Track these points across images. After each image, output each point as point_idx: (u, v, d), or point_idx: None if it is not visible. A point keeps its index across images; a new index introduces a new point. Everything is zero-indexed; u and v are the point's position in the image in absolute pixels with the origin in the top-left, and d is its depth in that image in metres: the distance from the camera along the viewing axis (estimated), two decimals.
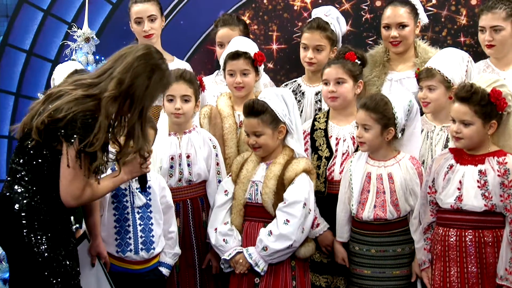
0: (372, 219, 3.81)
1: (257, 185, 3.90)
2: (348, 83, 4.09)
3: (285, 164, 3.88)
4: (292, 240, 3.79)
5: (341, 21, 4.60)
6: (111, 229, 3.79)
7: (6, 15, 5.15)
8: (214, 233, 3.92)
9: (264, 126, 3.85)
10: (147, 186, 3.82)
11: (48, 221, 3.39)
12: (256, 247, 3.82)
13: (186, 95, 4.05)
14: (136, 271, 3.82)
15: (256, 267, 3.81)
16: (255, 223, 3.91)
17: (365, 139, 3.81)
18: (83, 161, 3.28)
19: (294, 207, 3.80)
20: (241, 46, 4.28)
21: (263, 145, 3.87)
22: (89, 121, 3.26)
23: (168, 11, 5.06)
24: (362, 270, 3.88)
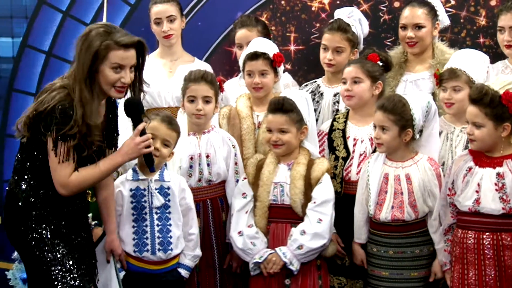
0: (390, 220, 3.80)
1: (282, 186, 3.92)
2: (364, 82, 4.09)
3: (307, 164, 3.90)
4: (326, 238, 3.84)
5: (363, 23, 4.59)
6: (129, 229, 3.81)
7: (25, 16, 5.16)
8: (240, 237, 3.92)
9: (290, 124, 3.88)
10: (166, 187, 3.84)
11: (47, 216, 3.44)
12: (289, 246, 3.84)
13: (208, 96, 4.06)
14: (153, 271, 3.83)
15: (290, 266, 3.82)
16: (282, 224, 3.93)
17: (383, 140, 3.80)
18: (62, 149, 3.33)
19: (326, 206, 3.86)
20: (260, 47, 4.30)
21: (286, 143, 3.89)
22: (66, 110, 3.32)
23: (185, 12, 5.05)
24: (380, 272, 3.87)
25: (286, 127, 3.89)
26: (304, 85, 4.68)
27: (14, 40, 5.17)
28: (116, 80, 3.40)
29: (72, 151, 3.36)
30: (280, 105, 3.90)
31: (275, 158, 3.98)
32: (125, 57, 3.39)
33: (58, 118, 3.32)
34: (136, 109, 3.51)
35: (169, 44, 4.71)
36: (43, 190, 3.44)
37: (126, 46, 3.39)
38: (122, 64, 3.39)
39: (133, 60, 3.43)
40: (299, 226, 3.86)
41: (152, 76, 4.55)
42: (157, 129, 3.80)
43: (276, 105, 3.91)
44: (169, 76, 4.69)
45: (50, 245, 3.41)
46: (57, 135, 3.32)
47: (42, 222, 3.44)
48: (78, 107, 3.33)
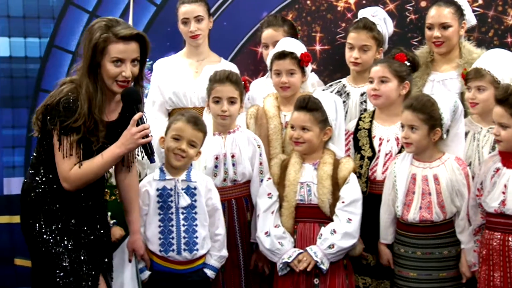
0: (418, 221, 3.79)
1: (308, 186, 3.91)
2: (392, 82, 4.08)
3: (333, 163, 3.89)
4: (356, 238, 3.85)
5: (388, 22, 4.58)
6: (155, 228, 3.82)
7: (52, 17, 5.18)
8: (267, 237, 3.92)
9: (313, 123, 3.87)
10: (193, 187, 3.84)
11: (56, 211, 3.46)
12: (319, 245, 3.83)
13: (233, 97, 4.06)
14: (179, 271, 3.83)
15: (321, 265, 3.81)
16: (310, 224, 3.92)
17: (412, 140, 3.78)
18: (65, 143, 3.34)
19: (355, 206, 3.87)
20: (288, 46, 4.29)
21: (307, 141, 3.89)
22: (70, 104, 3.34)
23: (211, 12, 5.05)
24: (407, 273, 3.85)
25: (309, 125, 3.88)
26: (329, 85, 4.67)
27: (41, 40, 5.17)
28: (117, 74, 3.38)
29: (75, 145, 3.36)
30: (305, 103, 3.90)
31: (299, 157, 3.97)
32: (125, 50, 3.37)
33: (62, 112, 3.33)
34: (132, 99, 3.45)
35: (196, 44, 4.71)
36: (56, 185, 3.46)
37: (125, 38, 3.36)
38: (121, 57, 3.37)
39: (133, 54, 3.40)
40: (329, 225, 3.86)
41: (178, 76, 4.61)
42: (182, 130, 3.81)
43: (301, 103, 3.91)
44: (195, 76, 4.69)
45: (55, 240, 3.43)
46: (60, 129, 3.34)
47: (51, 217, 3.46)
48: (83, 101, 3.34)
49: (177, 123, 3.83)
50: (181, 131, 3.81)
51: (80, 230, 3.51)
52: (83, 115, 3.33)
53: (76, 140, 3.35)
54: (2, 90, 5.16)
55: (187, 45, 4.78)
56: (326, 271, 3.84)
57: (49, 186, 3.47)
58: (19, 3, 5.12)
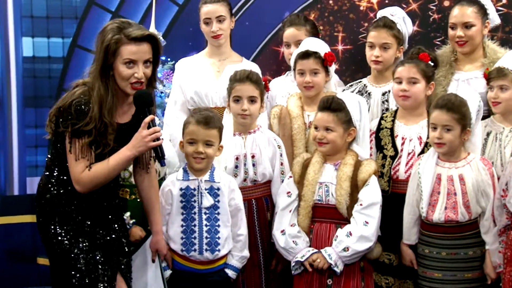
0: (443, 221, 3.77)
1: (327, 186, 3.90)
2: (420, 83, 4.08)
3: (354, 165, 3.87)
4: (372, 241, 3.81)
5: (407, 22, 4.56)
6: (177, 228, 3.83)
7: (75, 17, 5.21)
8: (282, 236, 3.92)
9: (337, 124, 3.86)
10: (216, 187, 3.85)
11: (71, 212, 3.47)
12: (334, 247, 3.81)
13: (253, 96, 4.06)
14: (200, 271, 3.84)
15: (335, 267, 3.79)
16: (326, 224, 3.90)
17: (446, 140, 3.76)
18: (77, 145, 3.35)
19: (373, 209, 3.82)
20: (312, 46, 4.29)
21: (330, 142, 3.87)
22: (82, 106, 3.34)
23: (233, 12, 5.05)
24: (432, 273, 3.83)
25: (332, 126, 3.87)
26: (349, 85, 4.67)
27: (64, 40, 5.21)
28: (130, 76, 3.38)
29: (86, 148, 3.36)
30: (328, 103, 3.88)
31: (321, 157, 3.96)
32: (136, 51, 3.36)
33: (73, 114, 3.34)
34: (144, 101, 3.44)
35: (218, 44, 4.71)
36: (70, 187, 3.47)
37: (136, 39, 3.36)
38: (133, 59, 3.37)
39: (146, 55, 3.40)
40: (345, 227, 3.84)
41: (200, 76, 4.60)
42: (195, 133, 3.81)
43: (324, 103, 3.90)
44: (217, 76, 4.69)
45: (70, 241, 3.45)
46: (71, 131, 3.35)
47: (66, 219, 3.48)
48: (94, 104, 3.35)
49: (189, 127, 3.84)
50: (194, 134, 3.82)
51: (95, 231, 3.52)
52: (94, 118, 3.34)
53: (87, 142, 3.36)
54: (26, 90, 5.20)
55: (209, 45, 4.78)
56: (340, 273, 3.83)
57: (64, 187, 3.48)
58: (42, 3, 5.16)
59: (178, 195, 3.84)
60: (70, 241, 3.45)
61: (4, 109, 5.17)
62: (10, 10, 5.13)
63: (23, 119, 5.20)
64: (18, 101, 5.19)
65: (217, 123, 3.86)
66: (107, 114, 3.36)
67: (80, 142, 3.36)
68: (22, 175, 5.23)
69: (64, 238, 3.45)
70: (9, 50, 5.16)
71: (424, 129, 4.10)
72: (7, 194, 5.21)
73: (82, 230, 3.49)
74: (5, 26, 5.12)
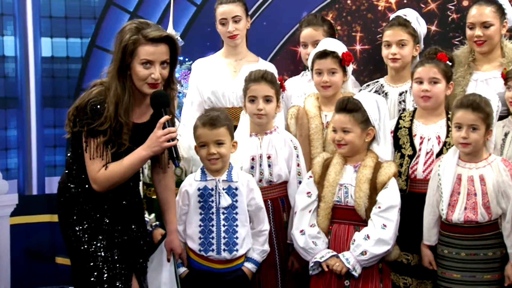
0: (463, 222, 3.75)
1: (346, 188, 3.88)
2: (441, 83, 4.07)
3: (374, 167, 3.86)
4: (390, 245, 3.79)
5: (421, 22, 4.56)
6: (195, 228, 3.83)
7: (93, 17, 5.23)
8: (302, 236, 3.91)
9: (354, 124, 3.84)
10: (234, 187, 3.85)
11: (89, 210, 3.51)
12: (352, 251, 3.80)
13: (268, 96, 4.06)
14: (218, 270, 3.84)
15: (353, 272, 3.78)
16: (344, 225, 3.90)
17: (472, 140, 3.75)
18: (92, 145, 3.38)
19: (391, 212, 3.80)
20: (330, 46, 4.29)
21: (349, 143, 3.86)
22: (97, 106, 3.37)
23: (251, 12, 5.06)
24: (451, 274, 3.82)
25: (349, 127, 3.85)
26: (366, 85, 4.66)
27: (82, 40, 5.24)
28: (147, 76, 3.40)
29: (102, 147, 3.39)
30: (344, 104, 3.87)
31: (341, 158, 3.95)
32: (153, 52, 3.38)
33: (89, 114, 3.37)
34: (160, 102, 3.46)
35: (234, 44, 4.72)
36: (88, 185, 3.50)
37: (154, 40, 3.37)
38: (150, 59, 3.38)
39: (163, 56, 3.41)
40: (363, 230, 3.83)
41: (216, 76, 4.62)
42: (203, 136, 3.82)
43: (340, 105, 3.89)
44: (233, 76, 4.70)
45: (88, 239, 3.48)
46: (87, 131, 3.38)
47: (84, 217, 3.51)
48: (110, 104, 3.37)
49: (197, 131, 3.85)
50: (202, 137, 3.82)
51: (114, 229, 3.55)
52: (109, 118, 3.36)
53: (102, 142, 3.38)
54: (44, 90, 5.23)
55: (225, 45, 4.79)
56: (359, 275, 3.81)
57: (82, 186, 3.52)
58: (61, 4, 5.19)
59: (196, 195, 3.84)
60: (88, 238, 3.48)
61: (23, 109, 5.20)
62: (29, 10, 5.16)
63: (42, 119, 5.23)
64: (36, 101, 5.23)
65: (223, 121, 3.85)
66: (123, 113, 3.38)
67: (95, 141, 3.38)
68: (40, 175, 5.27)
69: (82, 235, 3.49)
70: (28, 50, 5.19)
71: (442, 128, 4.09)
72: (26, 194, 5.25)
73: (100, 227, 3.51)
74: (24, 27, 5.16)
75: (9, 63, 5.14)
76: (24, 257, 5.22)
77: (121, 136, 3.40)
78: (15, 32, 5.14)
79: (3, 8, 5.08)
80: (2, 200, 5.14)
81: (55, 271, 5.22)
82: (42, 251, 5.24)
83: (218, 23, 4.72)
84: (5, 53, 5.12)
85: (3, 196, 5.14)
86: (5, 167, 5.15)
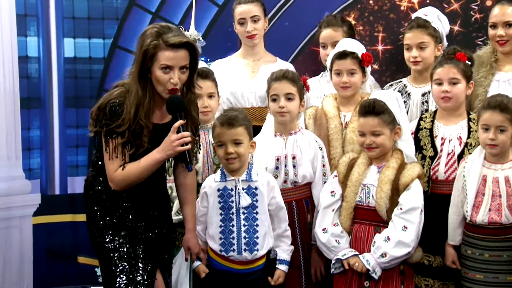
0: (487, 223, 3.73)
1: (368, 188, 3.87)
2: (461, 83, 4.04)
3: (398, 168, 3.84)
4: (411, 247, 3.77)
5: (443, 19, 4.53)
6: (216, 228, 3.84)
7: (116, 18, 5.24)
8: (324, 234, 3.90)
9: (383, 126, 3.83)
10: (254, 187, 3.84)
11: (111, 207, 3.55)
12: (373, 253, 3.79)
13: (290, 93, 4.05)
14: (239, 270, 3.84)
15: (373, 274, 3.77)
16: (365, 226, 3.88)
17: (500, 141, 3.72)
18: (111, 145, 3.42)
19: (412, 214, 3.78)
20: (349, 46, 4.28)
21: (380, 145, 3.84)
22: (116, 107, 3.41)
23: (273, 13, 5.07)
24: (474, 275, 3.80)
25: (379, 130, 3.83)
26: (389, 85, 4.64)
27: (105, 41, 5.25)
28: (166, 81, 3.44)
29: (120, 148, 3.43)
30: (371, 107, 3.84)
31: (367, 159, 3.94)
32: (173, 57, 3.42)
33: (107, 115, 3.42)
34: (175, 106, 3.50)
35: (252, 44, 4.73)
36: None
37: (174, 46, 3.41)
38: (170, 64, 3.42)
39: (182, 61, 3.45)
40: (383, 232, 3.81)
41: (235, 77, 4.62)
42: (220, 135, 3.82)
43: (367, 108, 3.86)
44: (252, 76, 4.71)
45: (111, 234, 3.53)
46: (106, 131, 3.43)
47: (107, 213, 3.56)
48: (130, 106, 3.41)
49: (215, 130, 3.86)
50: (220, 136, 3.83)
51: (137, 226, 3.58)
52: (128, 120, 3.40)
53: (120, 143, 3.43)
54: (67, 90, 5.25)
55: (243, 46, 4.80)
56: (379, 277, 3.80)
57: (105, 184, 3.56)
58: (84, 4, 5.21)
59: (216, 195, 3.84)
60: (111, 234, 3.53)
61: (46, 109, 5.23)
62: (52, 11, 5.19)
63: (64, 119, 5.25)
64: (59, 101, 5.25)
65: (241, 121, 3.85)
66: (144, 116, 3.43)
67: (114, 142, 3.43)
68: (63, 175, 5.29)
69: (105, 231, 3.53)
70: (51, 51, 5.21)
71: (464, 129, 4.07)
72: (49, 194, 5.27)
73: (123, 224, 3.55)
74: (47, 27, 5.19)
75: (32, 63, 5.16)
76: (46, 257, 5.24)
77: (141, 138, 3.45)
78: (38, 33, 5.17)
79: (27, 9, 5.11)
80: (25, 199, 5.16)
81: (77, 270, 5.24)
82: (64, 250, 5.27)
83: (236, 23, 4.73)
84: (29, 54, 5.15)
85: (26, 196, 5.17)
86: (28, 167, 5.18)
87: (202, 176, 4.12)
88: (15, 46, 5.05)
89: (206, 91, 4.16)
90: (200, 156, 4.11)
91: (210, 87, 4.22)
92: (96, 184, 3.59)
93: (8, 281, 5.07)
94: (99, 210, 3.56)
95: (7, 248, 5.07)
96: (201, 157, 4.13)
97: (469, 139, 4.02)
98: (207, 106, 4.18)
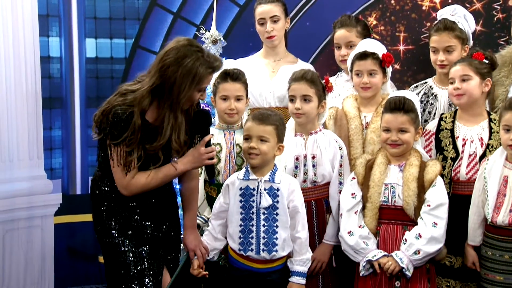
0: (507, 224, 3.70)
1: (393, 188, 3.87)
2: (473, 80, 4.02)
3: (420, 166, 3.85)
4: (442, 242, 3.79)
5: (469, 18, 4.49)
6: (236, 227, 3.84)
7: (137, 18, 5.27)
8: (351, 236, 3.88)
9: (410, 124, 3.87)
10: (276, 188, 3.83)
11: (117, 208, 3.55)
12: (404, 251, 3.78)
13: (307, 95, 4.03)
14: (258, 269, 3.83)
15: (406, 272, 3.77)
16: (393, 225, 3.88)
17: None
18: (116, 152, 3.41)
19: (440, 209, 3.80)
20: (370, 47, 4.26)
21: (405, 142, 3.87)
22: (120, 115, 3.37)
23: (294, 12, 5.06)
24: (494, 276, 3.77)
25: (406, 127, 3.86)
26: (414, 86, 4.60)
27: (126, 41, 5.27)
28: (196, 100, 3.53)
29: (126, 155, 3.42)
30: (402, 104, 3.87)
31: (385, 158, 3.94)
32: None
33: (111, 122, 3.39)
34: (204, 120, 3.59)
35: (272, 45, 4.72)
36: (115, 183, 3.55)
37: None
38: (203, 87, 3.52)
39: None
40: (414, 230, 3.81)
41: (254, 76, 4.61)
42: (250, 129, 3.84)
43: (397, 105, 3.88)
44: (271, 76, 4.70)
45: (117, 234, 3.53)
46: (110, 138, 3.41)
47: (113, 213, 3.56)
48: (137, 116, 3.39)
49: (246, 124, 3.88)
50: (248, 130, 3.84)
51: (143, 225, 3.58)
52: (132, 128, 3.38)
53: (126, 151, 3.42)
54: (88, 90, 5.27)
55: (264, 46, 4.80)
56: (411, 275, 3.79)
57: (111, 184, 3.56)
58: (105, 5, 5.23)
59: (237, 194, 3.84)
60: (117, 234, 3.53)
61: (67, 109, 5.25)
62: (74, 11, 5.21)
63: (86, 119, 5.26)
64: (81, 101, 5.27)
65: (273, 120, 3.85)
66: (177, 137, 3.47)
67: (118, 149, 3.42)
68: (84, 175, 5.31)
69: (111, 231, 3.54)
70: (73, 51, 5.24)
71: (485, 130, 4.04)
72: (70, 193, 5.29)
73: (129, 223, 3.56)
74: (69, 28, 5.21)
75: (54, 63, 5.19)
76: (67, 256, 5.27)
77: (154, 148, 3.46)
78: (60, 33, 5.20)
79: (49, 9, 5.14)
80: (47, 199, 5.20)
81: (98, 270, 5.26)
82: (85, 250, 5.29)
83: (256, 23, 4.73)
84: (50, 54, 5.18)
85: (47, 196, 5.20)
86: (50, 167, 5.21)
87: (223, 176, 4.11)
88: (37, 47, 5.08)
89: (235, 94, 4.15)
90: (223, 155, 4.12)
91: (239, 90, 4.19)
92: (102, 184, 3.59)
93: (29, 280, 5.11)
94: (105, 210, 3.57)
95: (29, 247, 5.10)
96: (223, 157, 4.13)
97: (491, 140, 3.99)
98: (233, 109, 4.17)
